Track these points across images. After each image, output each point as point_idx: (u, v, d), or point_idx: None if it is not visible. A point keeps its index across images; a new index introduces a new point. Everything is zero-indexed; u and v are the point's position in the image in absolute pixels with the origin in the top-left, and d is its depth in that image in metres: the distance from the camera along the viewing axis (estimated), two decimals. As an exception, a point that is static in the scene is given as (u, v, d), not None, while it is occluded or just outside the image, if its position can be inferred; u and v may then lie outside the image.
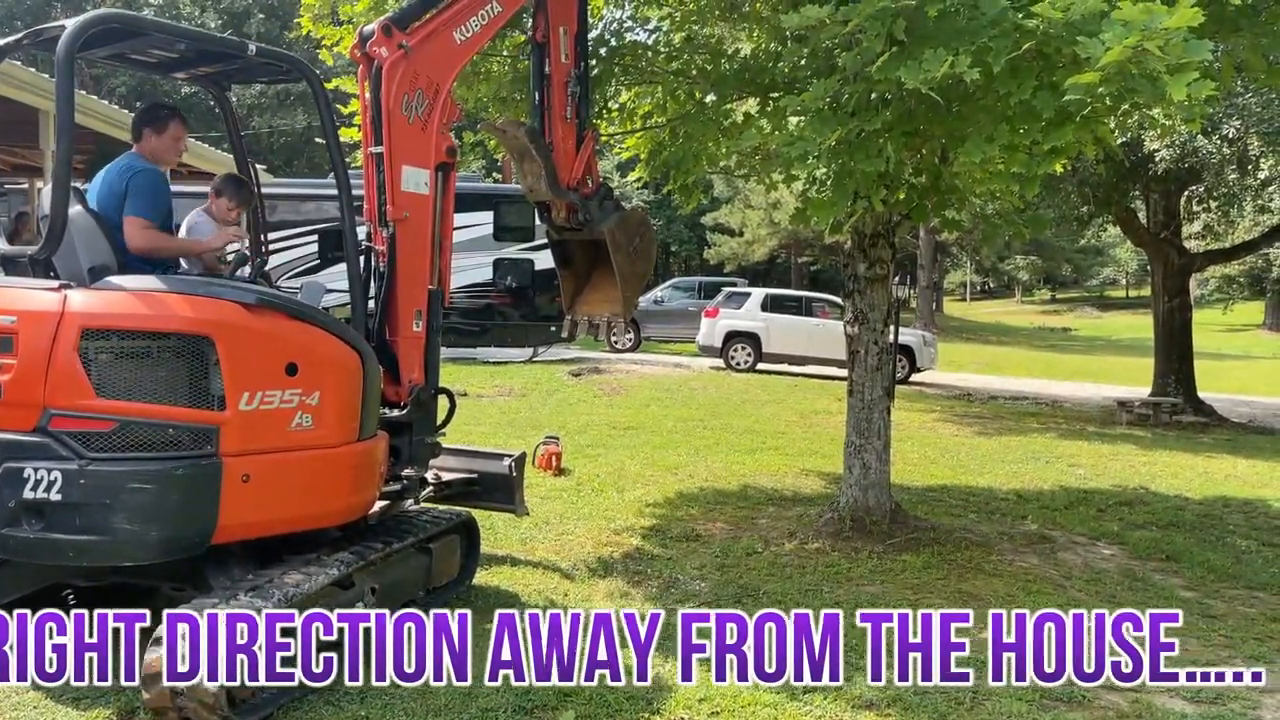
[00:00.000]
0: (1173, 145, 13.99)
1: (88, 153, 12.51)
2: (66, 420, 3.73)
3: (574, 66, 6.12)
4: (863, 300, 7.19)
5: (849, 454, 7.29)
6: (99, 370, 3.75)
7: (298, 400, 4.10)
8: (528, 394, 14.43)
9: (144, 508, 3.73)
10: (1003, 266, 62.44)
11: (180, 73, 5.01)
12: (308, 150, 39.68)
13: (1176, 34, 3.79)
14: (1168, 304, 16.77)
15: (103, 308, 3.84)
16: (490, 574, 5.87)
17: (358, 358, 4.40)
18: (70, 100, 3.89)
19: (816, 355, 19.32)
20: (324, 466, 4.27)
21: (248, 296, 4.06)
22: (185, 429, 3.84)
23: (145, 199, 4.36)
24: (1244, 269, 42.35)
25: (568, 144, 6.14)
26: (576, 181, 6.15)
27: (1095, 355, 34.48)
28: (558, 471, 8.88)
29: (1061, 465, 11.04)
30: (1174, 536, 7.75)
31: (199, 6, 39.43)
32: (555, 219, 6.25)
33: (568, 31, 6.06)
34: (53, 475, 3.67)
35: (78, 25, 3.90)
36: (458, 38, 5.14)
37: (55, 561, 3.93)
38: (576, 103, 6.14)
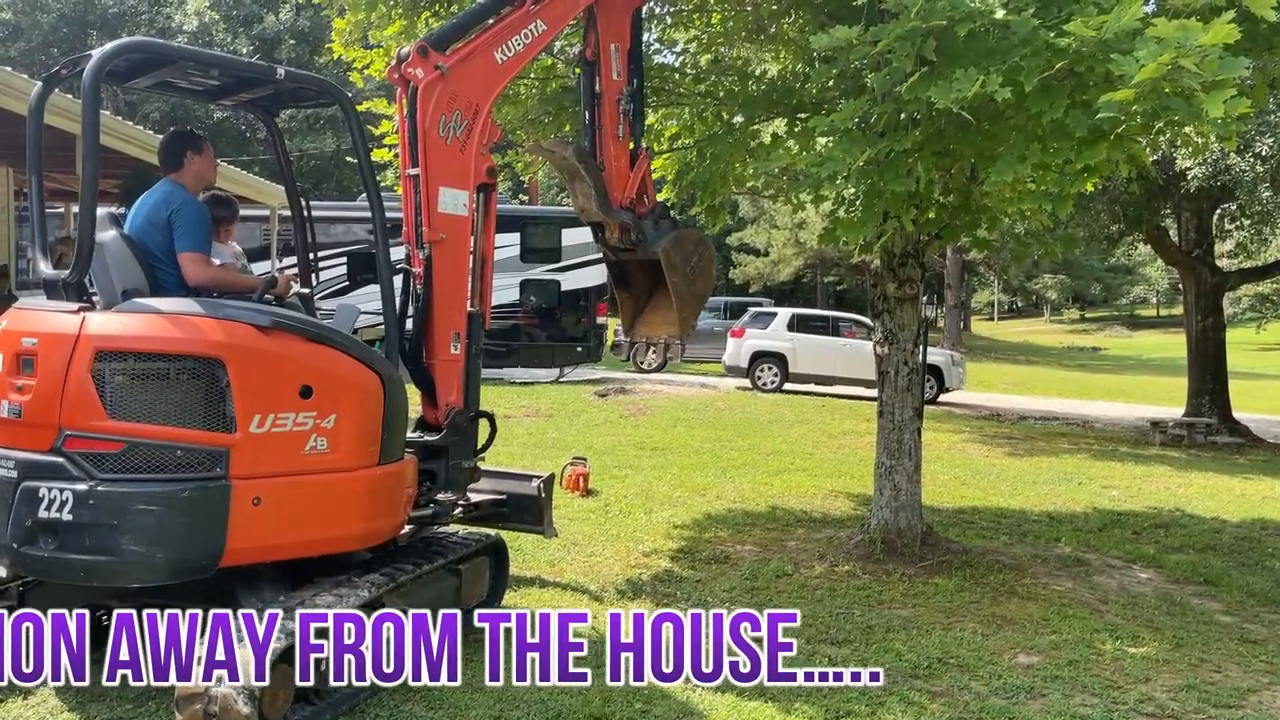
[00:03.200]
0: (1205, 163, 13.85)
1: (122, 177, 12.72)
2: (79, 441, 3.76)
3: (626, 84, 6.00)
4: (892, 320, 7.15)
5: (879, 475, 7.23)
6: (111, 392, 3.78)
7: (312, 423, 4.07)
8: (554, 414, 14.44)
9: (149, 529, 3.73)
10: (1031, 285, 61.98)
11: (227, 100, 5.06)
12: (336, 173, 40.09)
13: (1212, 51, 3.76)
14: (1201, 323, 16.56)
15: (116, 330, 3.87)
16: (519, 595, 5.86)
17: (378, 380, 4.34)
18: (96, 125, 3.94)
19: (843, 375, 19.22)
20: (340, 490, 4.22)
21: (261, 319, 4.04)
22: (194, 451, 3.83)
23: (197, 233, 4.41)
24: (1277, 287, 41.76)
25: (620, 163, 6.04)
26: (630, 201, 6.04)
27: (1126, 375, 34.12)
28: (585, 492, 8.86)
29: (1094, 487, 10.89)
30: (1212, 560, 7.61)
31: (231, 33, 40.05)
32: (609, 239, 6.13)
33: (619, 49, 5.96)
34: (65, 495, 3.71)
35: (103, 54, 3.98)
36: (499, 57, 5.07)
37: (69, 581, 3.97)
38: (629, 120, 6.04)
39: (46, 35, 40.49)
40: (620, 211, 5.97)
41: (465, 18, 5.16)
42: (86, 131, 3.91)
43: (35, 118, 4.32)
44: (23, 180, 13.55)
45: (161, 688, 4.00)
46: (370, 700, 4.21)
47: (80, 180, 3.93)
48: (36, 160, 4.27)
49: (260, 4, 41.70)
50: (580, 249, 19.55)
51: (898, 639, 5.37)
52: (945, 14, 4.27)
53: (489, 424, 5.36)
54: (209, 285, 4.40)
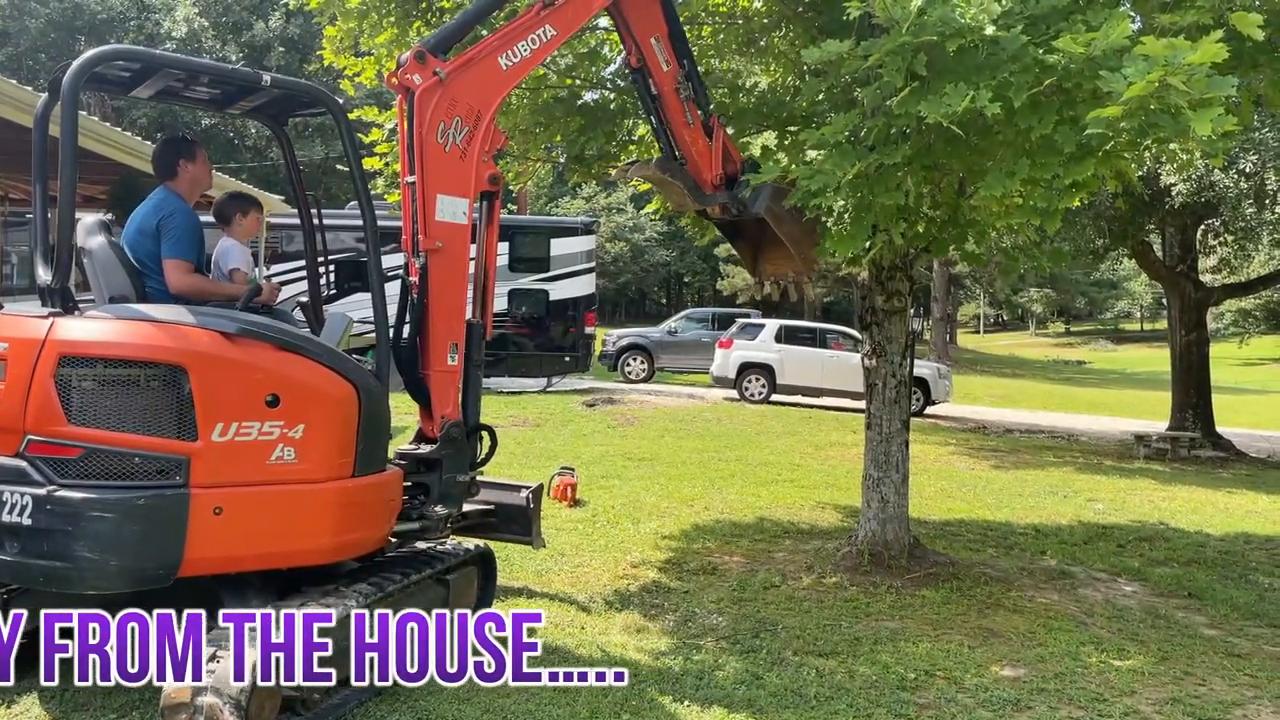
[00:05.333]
0: (1190, 179, 13.99)
1: (110, 183, 12.65)
2: (41, 446, 3.73)
3: (678, 68, 5.97)
4: (880, 333, 7.18)
5: (867, 487, 7.24)
6: (73, 397, 3.74)
7: (279, 433, 3.98)
8: (542, 424, 14.43)
9: (103, 536, 3.67)
10: (1016, 299, 62.35)
11: (231, 109, 5.02)
12: (325, 180, 40.02)
13: (1200, 69, 3.80)
14: (1185, 337, 16.69)
15: (80, 335, 3.83)
16: (507, 606, 5.83)
17: (352, 390, 4.24)
18: (75, 131, 3.90)
19: (830, 387, 19.28)
20: (309, 502, 4.10)
21: (229, 325, 3.98)
22: (152, 458, 3.77)
23: (183, 240, 4.39)
24: (1260, 303, 42.07)
25: (699, 145, 6.10)
26: (719, 177, 6.13)
27: (1111, 388, 34.32)
28: (573, 502, 8.85)
29: (1080, 500, 10.94)
30: (1196, 573, 7.65)
31: (220, 40, 39.99)
32: (713, 216, 6.28)
33: (660, 39, 5.92)
34: (25, 500, 3.68)
35: (84, 61, 3.96)
36: (503, 63, 4.96)
37: (30, 585, 3.96)
38: (693, 101, 6.02)
39: (34, 41, 40.34)
40: (714, 196, 6.13)
41: (463, 20, 5.10)
42: (65, 137, 3.88)
43: (40, 126, 4.29)
44: (9, 186, 13.46)
45: (146, 697, 3.98)
46: (357, 710, 4.19)
47: (59, 185, 3.90)
48: (42, 168, 4.24)
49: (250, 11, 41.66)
50: (569, 259, 19.58)
51: (885, 650, 5.38)
52: (936, 30, 4.30)
53: (489, 438, 5.24)
54: (190, 293, 4.37)
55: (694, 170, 6.10)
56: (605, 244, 49.39)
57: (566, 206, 53.46)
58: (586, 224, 21.25)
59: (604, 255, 47.25)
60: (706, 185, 6.12)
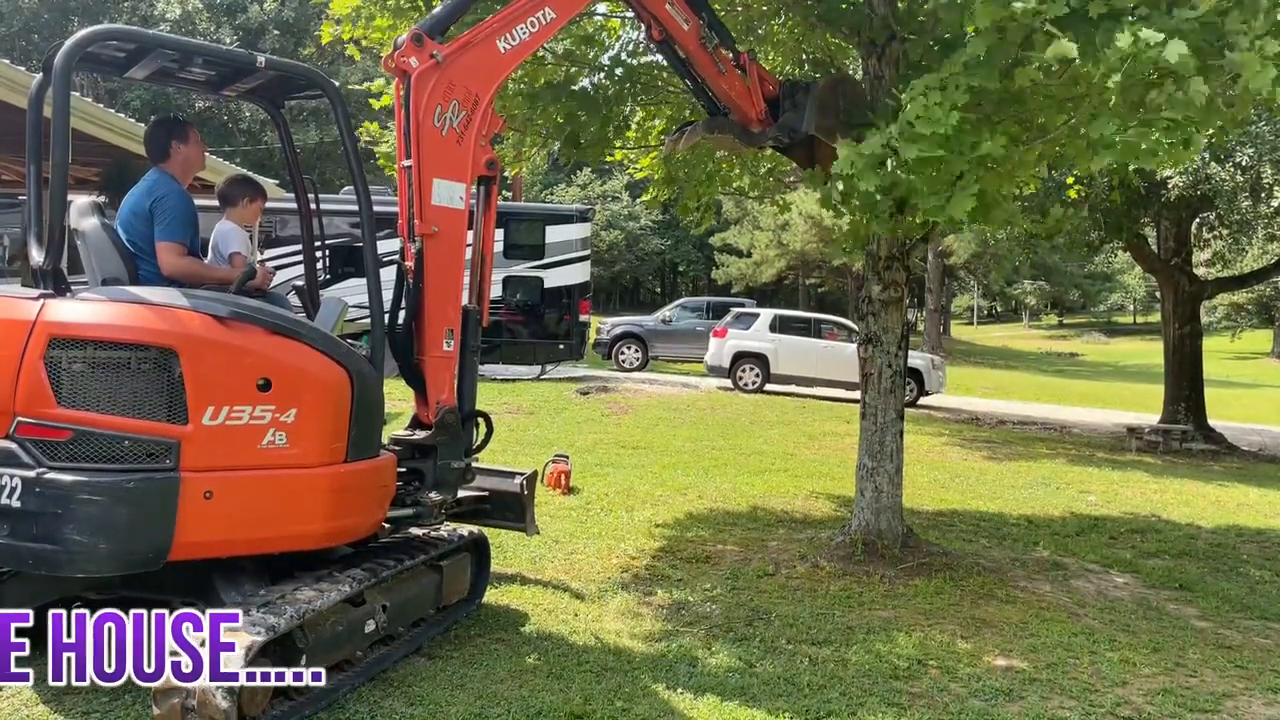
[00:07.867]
0: (1185, 172, 13.98)
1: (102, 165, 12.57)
2: (31, 428, 3.71)
3: (698, 21, 5.96)
4: (876, 323, 7.17)
5: (861, 477, 7.24)
6: (64, 379, 3.72)
7: (270, 417, 3.97)
8: (536, 412, 14.41)
9: (93, 519, 3.66)
10: (1010, 291, 62.41)
11: (228, 91, 4.95)
12: (319, 165, 39.88)
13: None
14: (1178, 331, 16.72)
15: (70, 318, 3.81)
16: (500, 593, 5.84)
17: (345, 375, 4.22)
18: (67, 111, 3.86)
19: (824, 377, 19.29)
20: (300, 486, 4.09)
21: (220, 309, 3.96)
22: (142, 441, 3.75)
23: (176, 223, 4.35)
24: (1252, 297, 42.27)
25: (737, 87, 6.20)
26: (763, 111, 6.29)
27: (1103, 381, 34.40)
28: (567, 490, 8.84)
29: (1072, 492, 10.97)
30: (1187, 566, 7.69)
31: (215, 22, 39.77)
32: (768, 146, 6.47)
33: (674, 1, 5.89)
34: (14, 482, 3.66)
35: (76, 40, 3.93)
36: (502, 46, 4.90)
37: (19, 568, 3.93)
38: (719, 48, 6.05)
39: (27, 21, 40.07)
40: (763, 134, 6.33)
41: (460, 1, 5.03)
42: (56, 117, 3.84)
43: (34, 107, 4.25)
44: (2, 167, 13.37)
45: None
46: (349, 696, 4.19)
47: (50, 166, 3.86)
48: (36, 149, 4.20)
49: (244, -7, 41.42)
50: (563, 246, 19.52)
51: (878, 640, 5.39)
52: None
53: (485, 424, 5.22)
54: (182, 276, 4.33)
55: (739, 114, 6.21)
56: (600, 232, 49.31)
57: (561, 194, 53.35)
58: (582, 211, 21.16)
59: (599, 243, 47.18)
60: (753, 123, 6.26)
